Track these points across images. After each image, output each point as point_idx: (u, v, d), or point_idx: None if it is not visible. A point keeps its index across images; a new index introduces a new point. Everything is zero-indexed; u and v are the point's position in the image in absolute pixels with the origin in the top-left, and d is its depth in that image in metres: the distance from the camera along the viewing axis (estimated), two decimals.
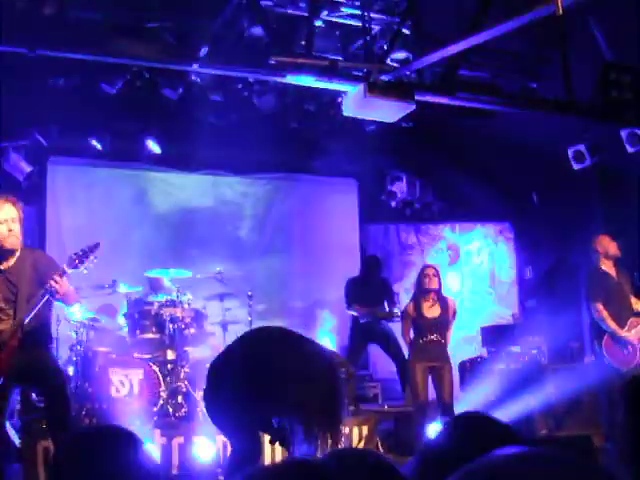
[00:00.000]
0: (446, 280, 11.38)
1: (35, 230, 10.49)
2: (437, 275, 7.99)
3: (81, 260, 5.48)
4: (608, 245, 7.95)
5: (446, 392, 7.79)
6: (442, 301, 7.99)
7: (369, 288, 9.96)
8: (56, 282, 5.34)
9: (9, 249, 5.51)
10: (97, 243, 5.63)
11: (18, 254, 5.62)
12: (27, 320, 5.40)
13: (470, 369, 9.03)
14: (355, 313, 9.80)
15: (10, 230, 5.45)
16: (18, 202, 5.64)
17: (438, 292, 7.99)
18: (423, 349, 7.87)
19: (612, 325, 7.57)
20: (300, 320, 11.30)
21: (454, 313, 8.07)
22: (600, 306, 7.66)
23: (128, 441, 1.94)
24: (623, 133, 8.77)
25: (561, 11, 4.88)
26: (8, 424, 7.37)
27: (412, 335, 8.02)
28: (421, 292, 7.95)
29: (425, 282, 7.91)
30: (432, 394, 8.17)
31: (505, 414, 7.95)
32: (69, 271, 5.48)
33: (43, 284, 5.40)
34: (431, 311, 7.91)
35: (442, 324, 7.94)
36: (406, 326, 8.05)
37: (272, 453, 6.44)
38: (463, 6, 6.91)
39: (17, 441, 7.13)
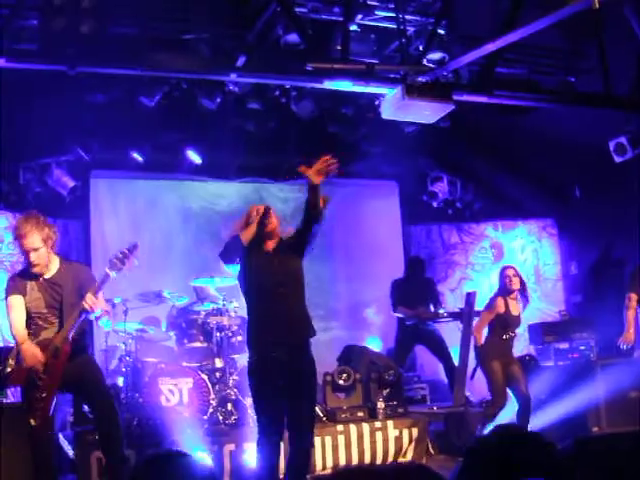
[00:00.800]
0: (490, 278, 11.38)
1: (80, 243, 10.64)
2: (517, 275, 8.02)
3: (122, 262, 5.57)
4: None
5: (523, 385, 7.77)
6: (521, 301, 8.06)
7: (414, 289, 9.95)
8: (91, 301, 5.42)
9: (38, 273, 5.63)
10: (135, 244, 5.73)
11: (58, 265, 5.71)
12: (72, 333, 5.48)
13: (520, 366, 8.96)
14: (401, 315, 9.79)
15: (34, 260, 5.56)
16: (43, 223, 5.71)
17: (521, 292, 8.03)
18: (502, 346, 7.86)
19: None
20: (346, 323, 11.33)
21: None
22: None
23: (193, 466, 1.99)
24: None
25: (598, 4, 4.84)
26: (61, 435, 7.49)
27: (488, 332, 7.97)
28: (505, 292, 7.96)
29: (507, 282, 7.94)
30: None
31: (555, 412, 7.91)
32: (112, 274, 5.56)
33: (83, 296, 5.48)
34: (515, 309, 7.96)
35: (519, 323, 8.06)
36: (485, 321, 7.99)
37: None
38: (498, 3, 6.89)
39: (70, 452, 7.22)
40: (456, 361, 9.42)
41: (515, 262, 12.11)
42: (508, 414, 7.70)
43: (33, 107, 8.79)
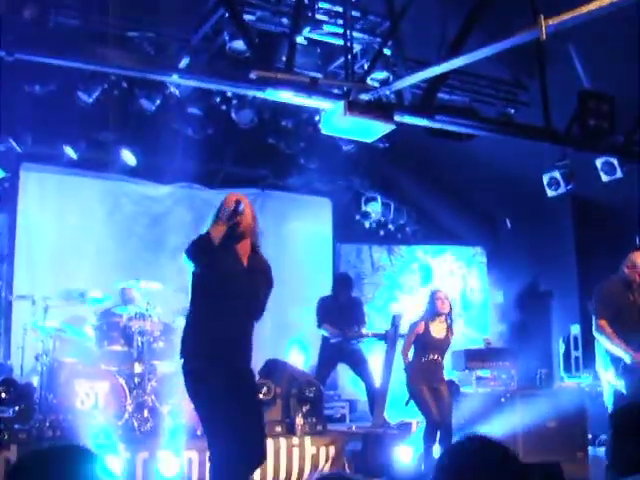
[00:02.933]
0: (417, 301, 11.43)
1: (5, 236, 10.39)
2: (447, 298, 8.00)
3: None
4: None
5: (447, 411, 7.72)
6: (449, 324, 8.00)
7: (340, 307, 9.91)
8: None
9: None
10: None
11: None
12: None
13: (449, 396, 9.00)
14: (326, 333, 9.74)
15: None
16: None
17: (448, 315, 7.98)
18: (426, 369, 7.79)
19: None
20: (271, 335, 11.23)
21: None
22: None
23: (85, 457, 1.88)
24: (598, 161, 8.83)
25: (544, 36, 4.89)
26: None
27: (412, 354, 7.96)
28: (433, 314, 7.90)
29: (438, 305, 7.87)
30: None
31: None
32: None
33: None
34: (438, 331, 7.88)
35: (445, 346, 7.97)
36: (408, 343, 7.96)
37: None
38: (445, 30, 6.95)
39: None
40: (378, 382, 9.40)
41: (443, 287, 12.21)
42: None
43: None
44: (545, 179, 9.45)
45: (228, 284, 4.99)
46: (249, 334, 5.11)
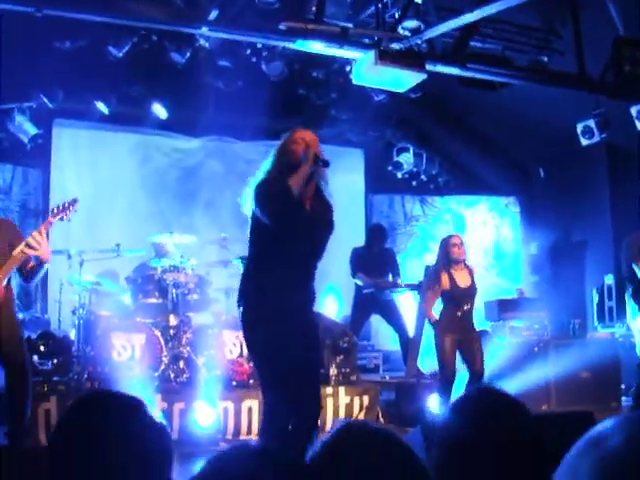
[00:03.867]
0: None
1: (39, 192, 10.49)
2: (463, 244, 7.73)
3: (64, 212, 5.59)
4: None
5: (478, 361, 7.55)
6: (470, 270, 7.76)
7: (373, 258, 9.90)
8: (36, 240, 5.35)
9: None
10: (75, 199, 5.75)
11: None
12: (5, 279, 5.38)
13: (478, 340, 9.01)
14: (360, 282, 9.74)
15: None
16: None
17: (465, 261, 7.74)
18: (456, 320, 7.59)
19: None
20: None
21: None
22: None
23: (138, 404, 1.91)
24: (633, 109, 8.68)
25: None
26: None
27: (442, 307, 7.77)
28: (451, 262, 7.62)
29: (454, 252, 7.60)
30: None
31: (506, 388, 7.96)
32: (54, 221, 5.59)
33: (13, 247, 5.41)
34: (464, 280, 7.65)
35: (473, 293, 7.73)
36: (433, 298, 7.69)
37: None
38: None
39: None
40: (411, 332, 9.43)
41: (476, 237, 12.18)
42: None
43: None
44: (579, 128, 9.33)
45: (293, 230, 4.70)
46: (312, 280, 4.89)
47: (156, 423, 1.89)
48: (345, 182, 12.09)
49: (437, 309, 7.74)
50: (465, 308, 7.68)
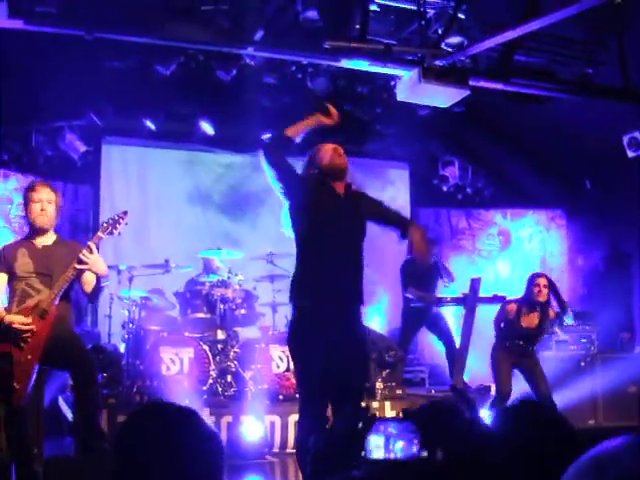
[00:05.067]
0: (496, 266, 11.39)
1: (89, 208, 10.68)
2: (547, 286, 7.64)
3: (113, 226, 5.63)
4: None
5: (542, 384, 7.48)
6: (544, 312, 7.67)
7: (424, 270, 9.86)
8: (85, 255, 5.44)
9: (39, 227, 5.61)
10: (125, 211, 5.77)
11: (55, 238, 5.72)
12: (59, 296, 5.47)
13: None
14: (411, 296, 9.72)
15: (42, 210, 5.56)
16: (57, 189, 5.85)
17: (545, 304, 7.67)
18: (510, 349, 7.66)
19: None
20: None
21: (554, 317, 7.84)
22: None
23: (192, 413, 2.00)
24: None
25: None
26: (60, 398, 7.54)
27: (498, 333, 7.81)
28: (528, 302, 7.64)
29: (535, 292, 7.60)
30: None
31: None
32: (104, 236, 5.61)
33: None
34: (528, 320, 7.63)
35: (536, 334, 7.70)
36: (497, 325, 7.80)
37: None
38: None
39: (69, 415, 7.26)
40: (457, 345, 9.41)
41: (522, 251, 12.12)
42: None
43: (49, 70, 8.79)
44: (625, 140, 9.26)
45: (332, 222, 4.87)
46: (359, 273, 4.99)
47: (209, 430, 1.97)
48: (391, 196, 12.12)
49: None
50: (518, 343, 7.62)
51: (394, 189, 12.22)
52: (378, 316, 10.91)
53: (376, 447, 2.32)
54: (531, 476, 2.01)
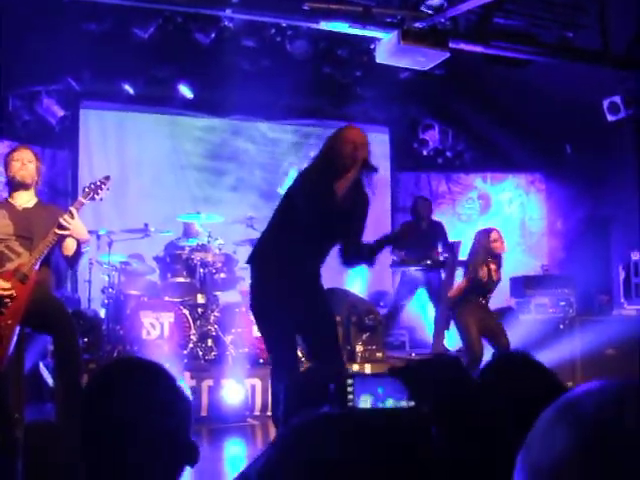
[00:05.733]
0: (476, 230, 11.40)
1: (68, 174, 10.60)
2: (502, 238, 7.83)
3: (95, 191, 5.57)
4: None
5: (501, 334, 7.60)
6: (500, 263, 7.81)
7: (423, 232, 9.78)
8: (67, 220, 5.38)
9: (19, 181, 5.55)
10: (107, 176, 5.73)
11: (36, 201, 5.67)
12: (39, 261, 5.43)
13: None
14: (395, 258, 9.58)
15: (23, 165, 5.52)
16: (37, 154, 5.80)
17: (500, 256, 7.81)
18: (479, 306, 7.69)
19: None
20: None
21: None
22: None
23: (164, 373, 1.99)
24: None
25: None
26: (41, 364, 7.52)
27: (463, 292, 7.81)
28: (491, 256, 7.69)
29: (496, 247, 7.70)
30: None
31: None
32: (85, 201, 5.55)
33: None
34: (497, 274, 7.74)
35: (496, 286, 7.86)
36: (461, 290, 7.73)
37: None
38: None
39: (50, 381, 7.26)
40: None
41: (502, 215, 12.16)
42: None
43: (25, 35, 8.68)
44: (605, 104, 9.27)
45: (320, 222, 4.77)
46: (317, 257, 5.04)
47: (177, 385, 1.96)
48: (372, 159, 12.10)
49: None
50: (489, 296, 7.74)
51: (374, 153, 12.16)
52: (359, 279, 10.90)
53: (364, 403, 2.36)
54: (521, 422, 2.03)
